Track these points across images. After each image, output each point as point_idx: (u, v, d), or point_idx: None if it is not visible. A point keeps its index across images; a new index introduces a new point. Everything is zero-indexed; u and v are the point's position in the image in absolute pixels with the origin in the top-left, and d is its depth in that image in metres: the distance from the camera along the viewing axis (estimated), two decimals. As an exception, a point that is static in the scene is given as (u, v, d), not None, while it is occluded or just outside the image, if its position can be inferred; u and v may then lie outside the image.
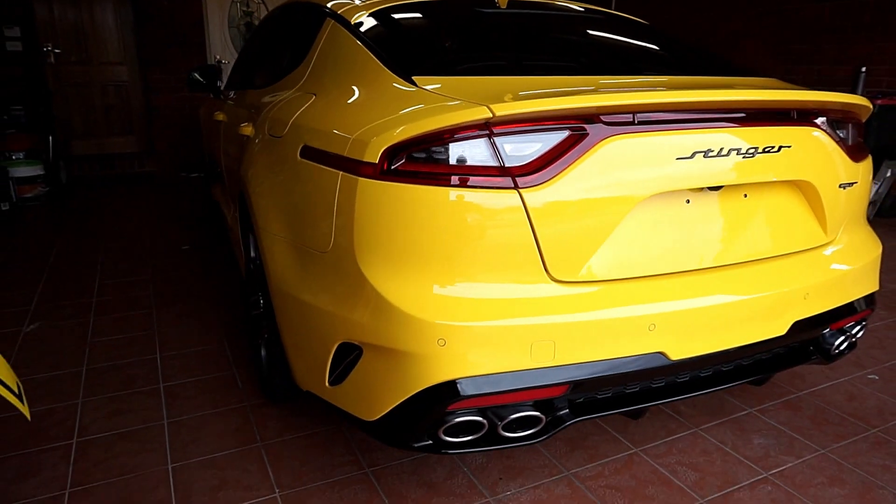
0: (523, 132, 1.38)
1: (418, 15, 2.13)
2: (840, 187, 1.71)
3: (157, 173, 6.79)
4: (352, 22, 2.02)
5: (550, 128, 1.38)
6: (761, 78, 2.01)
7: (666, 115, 1.45)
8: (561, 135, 1.39)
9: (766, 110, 1.58)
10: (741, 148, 1.51)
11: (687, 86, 1.67)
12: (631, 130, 1.42)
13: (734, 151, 1.50)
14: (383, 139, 1.40)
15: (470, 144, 1.37)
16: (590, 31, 2.21)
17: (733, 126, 1.52)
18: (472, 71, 1.74)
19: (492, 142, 1.37)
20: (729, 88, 1.58)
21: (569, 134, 1.39)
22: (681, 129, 1.46)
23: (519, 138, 1.38)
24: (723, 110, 1.52)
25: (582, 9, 2.47)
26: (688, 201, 1.55)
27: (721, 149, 1.49)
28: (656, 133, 1.43)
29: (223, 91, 3.78)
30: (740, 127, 1.52)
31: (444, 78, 1.64)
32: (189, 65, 6.56)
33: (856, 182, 1.75)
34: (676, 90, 1.49)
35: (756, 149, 1.53)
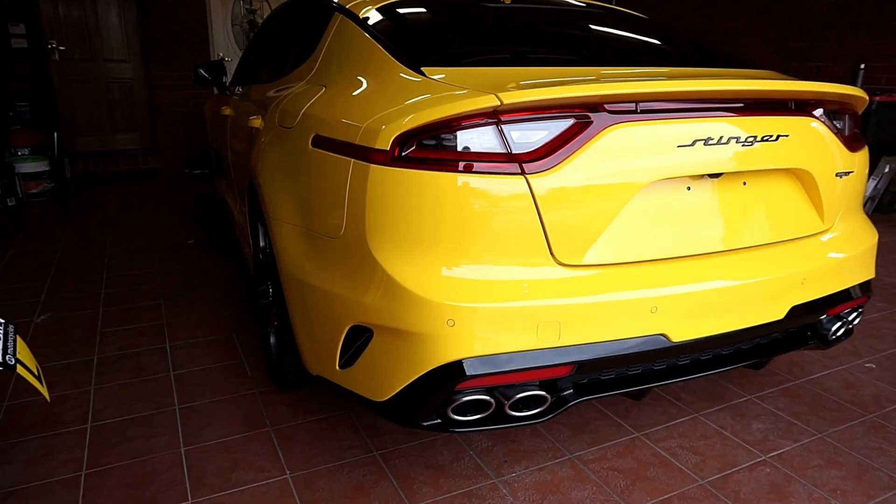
0: (530, 120, 1.42)
1: (424, 9, 2.18)
2: (837, 176, 1.76)
3: (161, 170, 6.84)
4: (360, 16, 2.07)
5: (556, 116, 1.43)
6: (759, 70, 2.05)
7: (667, 105, 1.50)
8: (566, 123, 1.44)
9: (765, 100, 1.63)
10: (740, 136, 1.56)
11: (687, 76, 1.71)
12: (633, 119, 1.47)
13: (733, 140, 1.55)
14: (394, 127, 1.44)
15: (478, 132, 1.41)
16: (592, 25, 2.26)
17: (732, 115, 1.57)
18: (479, 62, 1.79)
19: (499, 129, 1.42)
20: (728, 79, 1.63)
21: (574, 122, 1.44)
22: (682, 118, 1.51)
23: (526, 126, 1.42)
24: (722, 100, 1.57)
25: (584, 4, 2.51)
26: (688, 188, 1.60)
27: (721, 137, 1.54)
28: (658, 121, 1.48)
29: (229, 87, 3.83)
30: (739, 116, 1.57)
31: (452, 69, 1.69)
32: (193, 62, 6.61)
33: (852, 171, 1.80)
34: (677, 80, 1.54)
35: (755, 137, 1.58)
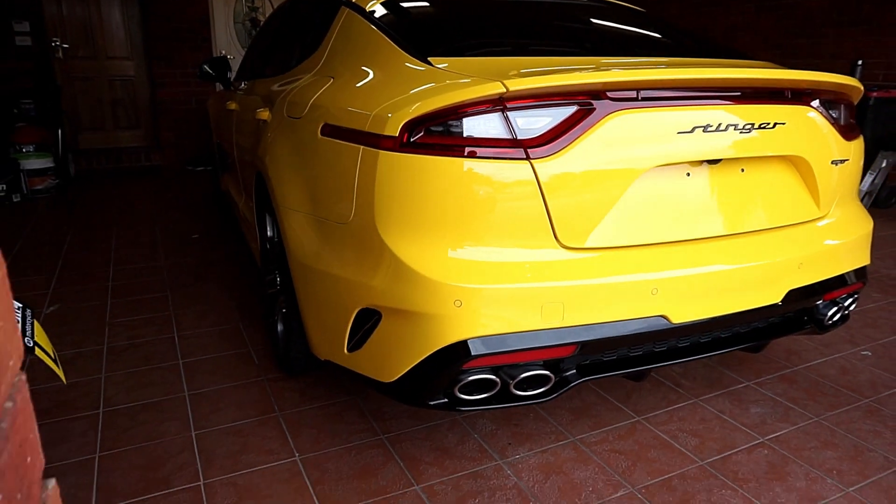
0: (534, 107, 1.47)
1: (428, 2, 2.23)
2: (832, 164, 1.80)
3: (164, 167, 6.88)
4: (366, 9, 2.11)
5: (560, 103, 1.48)
6: (756, 61, 2.10)
7: (667, 93, 1.54)
8: (570, 109, 1.48)
9: (762, 89, 1.68)
10: (738, 124, 1.60)
11: (687, 66, 1.76)
12: (635, 106, 1.51)
13: (731, 127, 1.60)
14: (403, 114, 1.49)
15: (484, 118, 1.46)
16: (594, 18, 2.30)
17: (731, 103, 1.61)
18: (484, 53, 1.83)
19: (505, 116, 1.46)
20: (727, 68, 1.67)
21: (577, 109, 1.48)
22: (681, 106, 1.55)
23: (530, 113, 1.47)
24: (721, 88, 1.61)
25: None
26: (688, 174, 1.64)
27: (719, 124, 1.58)
28: (658, 109, 1.53)
29: (233, 82, 3.87)
30: (737, 104, 1.62)
31: (457, 59, 1.73)
32: (195, 60, 6.65)
33: (847, 159, 1.85)
34: (677, 68, 1.58)
35: (752, 125, 1.62)
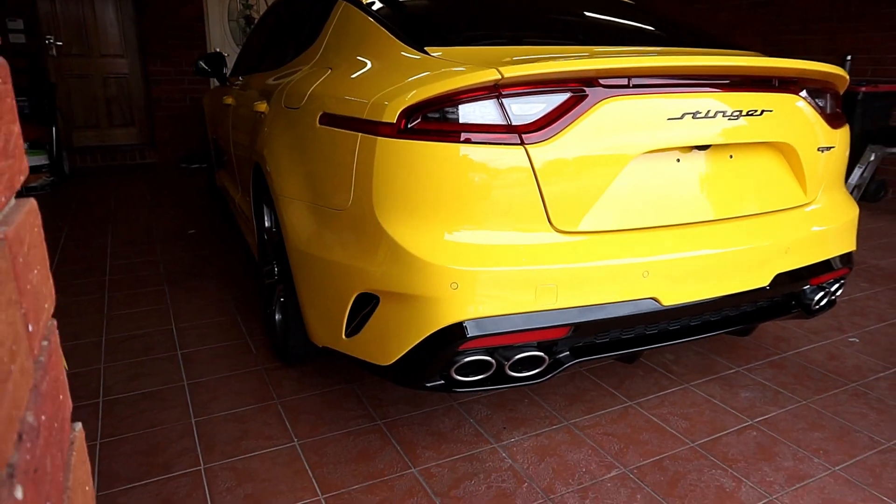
0: (529, 94, 1.51)
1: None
2: (819, 151, 1.85)
3: (159, 164, 6.89)
4: (363, 1, 2.14)
5: (553, 90, 1.52)
6: (745, 50, 2.14)
7: (658, 80, 1.59)
8: (563, 96, 1.52)
9: (750, 77, 1.72)
10: (726, 111, 1.65)
11: (677, 54, 1.80)
12: (626, 93, 1.55)
13: (720, 113, 1.64)
14: (400, 101, 1.52)
15: (480, 105, 1.50)
16: (588, 9, 2.34)
17: (719, 91, 1.66)
18: (480, 42, 1.87)
19: (500, 102, 1.50)
20: (716, 56, 1.71)
21: (570, 95, 1.52)
22: (671, 93, 1.60)
23: (525, 99, 1.51)
24: (710, 76, 1.66)
25: None
26: (678, 160, 1.68)
27: (708, 111, 1.63)
28: (649, 96, 1.57)
29: (229, 78, 3.90)
30: (726, 92, 1.66)
31: (454, 48, 1.77)
32: (190, 58, 6.67)
33: (833, 147, 1.89)
34: (668, 56, 1.63)
35: (740, 111, 1.67)
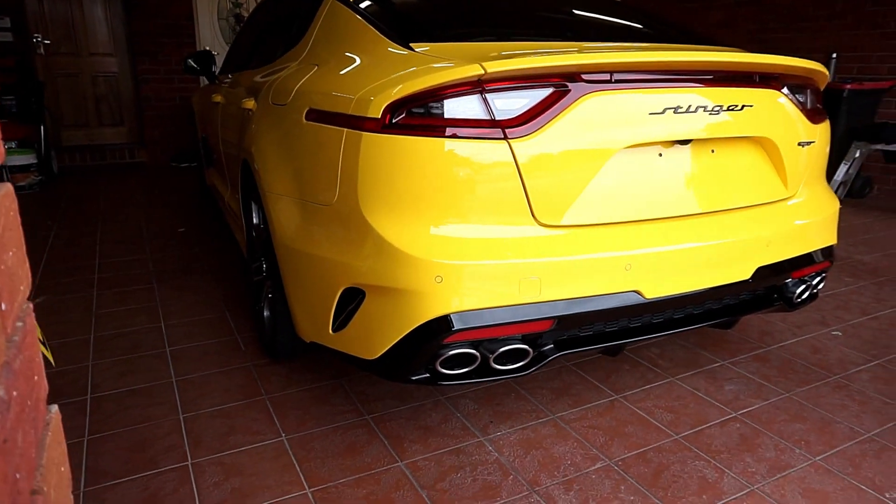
0: (512, 89, 1.52)
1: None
2: (799, 145, 1.88)
3: (149, 163, 6.87)
4: (349, -1, 2.15)
5: (536, 85, 1.53)
6: (728, 47, 2.17)
7: (640, 75, 1.61)
8: (546, 91, 1.54)
9: (731, 72, 1.74)
10: (707, 106, 1.67)
11: (659, 50, 1.82)
12: (608, 88, 1.57)
13: (701, 108, 1.66)
14: (385, 96, 1.54)
15: (464, 100, 1.51)
16: (574, 5, 2.36)
17: (700, 86, 1.68)
18: (465, 38, 1.88)
19: (483, 97, 1.51)
20: (697, 52, 1.74)
21: (553, 90, 1.54)
22: (653, 88, 1.62)
23: (508, 94, 1.52)
24: (691, 71, 1.68)
25: None
26: (660, 155, 1.70)
27: (689, 106, 1.65)
28: (631, 91, 1.59)
29: (218, 76, 3.90)
30: (707, 87, 1.68)
31: (439, 44, 1.78)
32: (179, 56, 6.65)
33: (814, 142, 1.92)
34: (649, 52, 1.65)
35: (721, 107, 1.69)
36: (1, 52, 5.99)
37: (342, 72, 1.84)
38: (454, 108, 1.50)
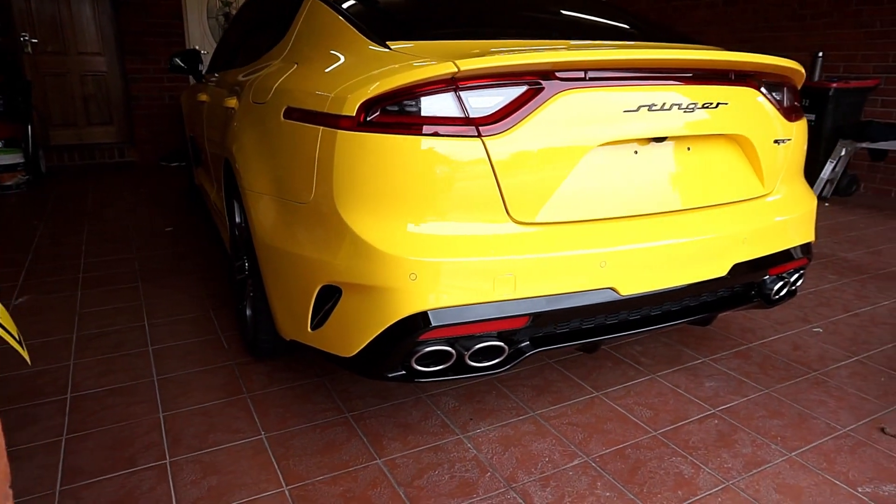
0: (486, 87, 1.53)
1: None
2: (775, 143, 1.89)
3: (138, 163, 6.84)
4: (329, -3, 2.15)
5: (510, 83, 1.54)
6: (706, 45, 2.18)
7: (614, 73, 1.61)
8: (520, 89, 1.54)
9: (706, 70, 1.75)
10: (682, 103, 1.68)
11: (635, 48, 1.83)
12: (583, 86, 1.58)
13: (676, 106, 1.67)
14: (359, 94, 1.54)
15: (438, 98, 1.51)
16: (554, 4, 2.37)
17: (675, 84, 1.69)
18: (442, 36, 1.88)
19: (457, 95, 1.52)
20: (671, 50, 1.74)
21: (527, 88, 1.54)
22: (628, 86, 1.62)
23: (482, 92, 1.53)
24: (666, 69, 1.69)
25: None
26: (636, 152, 1.71)
27: (664, 104, 1.66)
28: (605, 89, 1.60)
29: (205, 75, 3.89)
30: (682, 85, 1.69)
31: (416, 43, 1.78)
32: (169, 55, 6.61)
33: (790, 139, 1.93)
34: (623, 50, 1.65)
35: (696, 104, 1.70)
36: (-13, 51, 5.96)
37: (320, 70, 1.84)
38: (428, 106, 1.51)
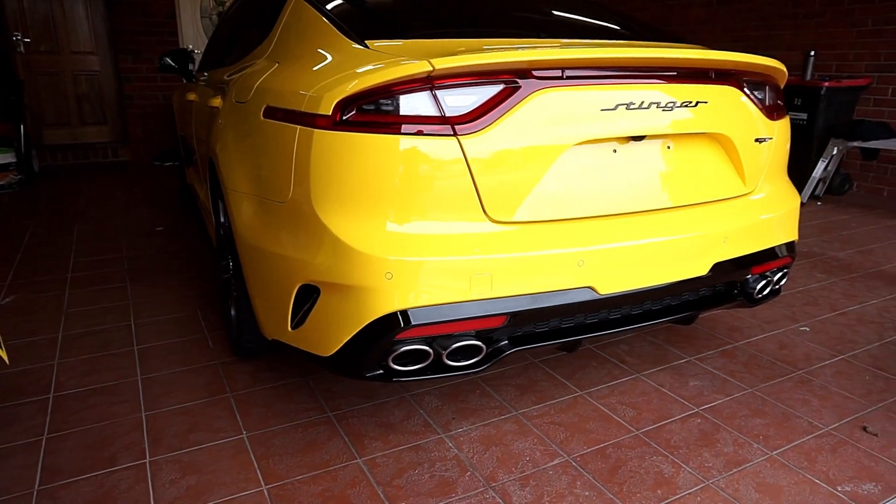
0: (462, 85, 1.52)
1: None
2: (756, 141, 1.88)
3: (132, 162, 6.83)
4: (313, -4, 2.15)
5: (486, 81, 1.53)
6: (687, 44, 2.17)
7: (591, 72, 1.61)
8: (496, 88, 1.54)
9: (685, 69, 1.75)
10: (660, 102, 1.67)
11: (613, 47, 1.82)
12: (560, 84, 1.57)
13: (654, 105, 1.67)
14: (336, 93, 1.53)
15: (413, 96, 1.51)
16: (536, 2, 2.36)
17: (654, 82, 1.68)
18: (422, 35, 1.88)
19: (433, 94, 1.51)
20: (649, 48, 1.74)
21: (503, 87, 1.54)
22: (606, 84, 1.62)
23: (458, 91, 1.52)
24: (644, 68, 1.68)
25: None
26: (615, 151, 1.71)
27: (642, 102, 1.65)
28: (583, 87, 1.59)
29: (195, 74, 3.88)
30: (661, 83, 1.69)
31: (395, 42, 1.78)
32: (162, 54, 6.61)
33: (771, 138, 1.93)
34: (600, 48, 1.65)
35: (674, 103, 1.69)
36: (-20, 51, 5.95)
37: (299, 69, 1.84)
38: (404, 105, 1.50)
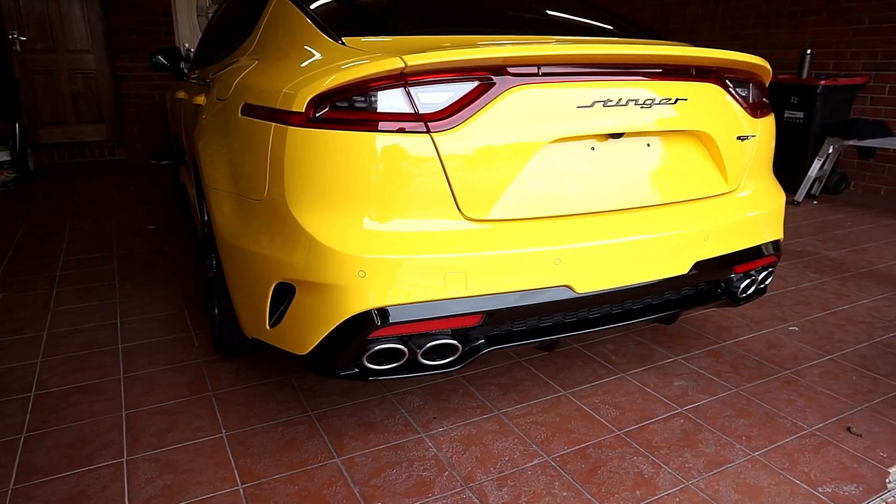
0: (436, 82, 1.51)
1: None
2: (738, 139, 1.86)
3: (128, 161, 6.83)
4: (295, -8, 2.13)
5: (460, 78, 1.52)
6: (668, 41, 2.15)
7: (568, 69, 1.59)
8: (470, 85, 1.52)
9: (665, 65, 1.73)
10: (639, 99, 1.66)
11: (590, 43, 1.80)
12: (535, 81, 1.56)
13: (632, 102, 1.65)
14: (309, 90, 1.52)
15: (387, 93, 1.49)
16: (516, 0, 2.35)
17: (632, 79, 1.66)
18: (398, 32, 1.87)
19: (407, 91, 1.50)
20: (627, 45, 1.72)
21: (477, 84, 1.52)
22: (582, 81, 1.60)
23: (431, 88, 1.51)
24: (622, 65, 1.66)
25: None
26: (593, 148, 1.69)
27: (620, 99, 1.63)
28: (559, 84, 1.57)
29: (187, 72, 3.87)
30: (639, 80, 1.67)
31: (372, 38, 1.76)
32: (158, 52, 6.61)
33: (754, 136, 1.91)
34: (576, 45, 1.63)
35: (653, 100, 1.68)
36: (-24, 49, 5.95)
37: (277, 66, 1.82)
38: (377, 102, 1.49)
